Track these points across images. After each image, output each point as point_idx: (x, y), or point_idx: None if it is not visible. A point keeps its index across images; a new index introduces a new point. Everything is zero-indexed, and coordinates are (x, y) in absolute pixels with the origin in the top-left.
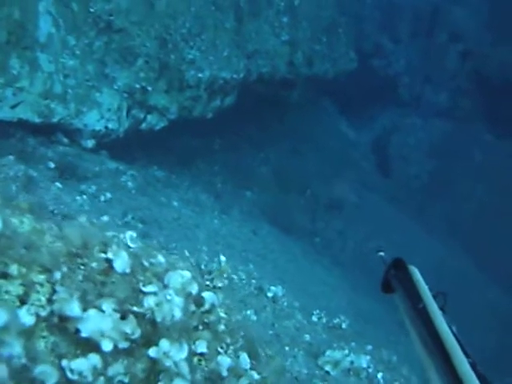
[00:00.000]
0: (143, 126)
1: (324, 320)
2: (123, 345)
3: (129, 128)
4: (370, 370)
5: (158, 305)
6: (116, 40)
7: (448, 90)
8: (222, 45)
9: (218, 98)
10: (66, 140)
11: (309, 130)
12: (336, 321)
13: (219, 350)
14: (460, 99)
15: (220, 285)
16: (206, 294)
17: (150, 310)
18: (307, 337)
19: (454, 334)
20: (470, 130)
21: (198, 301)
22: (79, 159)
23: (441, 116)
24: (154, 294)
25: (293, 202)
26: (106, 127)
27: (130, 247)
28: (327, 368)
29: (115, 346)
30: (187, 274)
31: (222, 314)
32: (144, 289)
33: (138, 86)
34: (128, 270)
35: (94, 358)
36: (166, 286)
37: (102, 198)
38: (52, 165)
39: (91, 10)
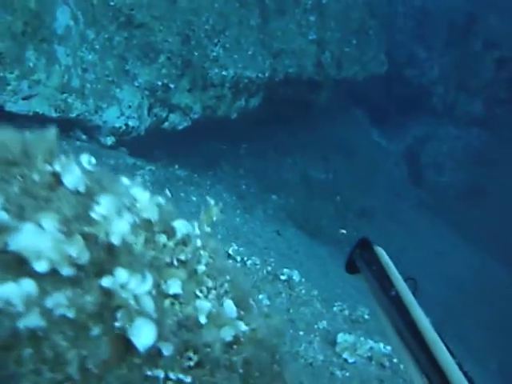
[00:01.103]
0: (165, 124)
1: (346, 312)
2: (67, 271)
3: (150, 126)
4: (395, 360)
5: (112, 225)
6: (137, 35)
7: (483, 99)
8: (247, 43)
9: (242, 98)
10: (84, 137)
11: (339, 137)
12: (358, 313)
13: (198, 293)
14: (496, 107)
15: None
16: (178, 223)
17: (104, 232)
18: (324, 323)
19: (436, 331)
20: (506, 139)
21: (170, 231)
22: (95, 153)
23: (476, 125)
24: (109, 212)
25: (321, 207)
26: (127, 124)
27: (86, 169)
28: (345, 355)
29: (56, 272)
30: (146, 195)
31: (204, 253)
32: (98, 207)
33: (159, 83)
34: (82, 189)
35: (28, 284)
36: (126, 208)
37: None
38: None
39: (111, 3)
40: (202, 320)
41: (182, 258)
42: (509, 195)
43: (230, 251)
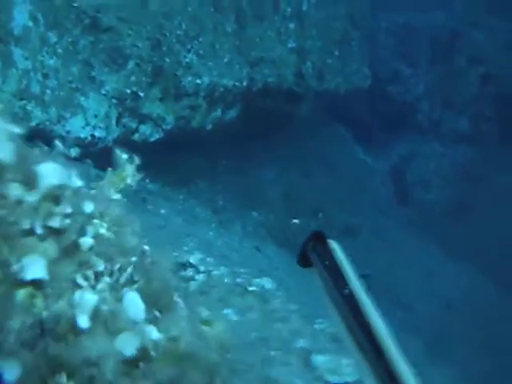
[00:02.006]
0: (136, 136)
1: (330, 330)
2: None
3: (119, 137)
4: None
5: None
6: (104, 39)
7: (469, 115)
8: (222, 50)
9: (218, 109)
10: (45, 148)
11: (321, 153)
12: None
13: (78, 280)
14: (482, 124)
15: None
16: (45, 167)
17: None
18: (303, 342)
19: (392, 335)
20: (493, 156)
21: (31, 181)
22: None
23: (462, 142)
24: None
25: (303, 225)
26: (93, 135)
27: None
28: (328, 377)
29: None
30: None
31: (97, 222)
32: None
33: (128, 91)
34: None
35: None
36: None
37: None
38: None
39: (75, 4)
40: (83, 323)
41: (53, 223)
42: (496, 211)
43: (191, 259)
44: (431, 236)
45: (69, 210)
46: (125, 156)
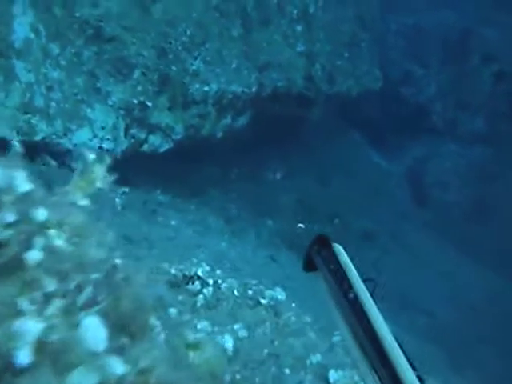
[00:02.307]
0: (145, 147)
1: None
2: None
3: (128, 149)
4: None
5: None
6: (108, 50)
7: (484, 114)
8: (230, 55)
9: (228, 116)
10: (53, 163)
11: (335, 158)
12: None
13: (22, 305)
14: (497, 122)
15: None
16: None
17: None
18: (319, 357)
19: (396, 339)
20: (511, 155)
21: None
22: (58, 177)
23: (478, 141)
24: None
25: (319, 232)
26: (101, 147)
27: None
28: None
29: None
30: None
31: (53, 232)
32: None
33: (135, 101)
34: None
35: None
36: None
37: None
38: None
39: (77, 14)
40: (23, 358)
41: None
42: None
43: (200, 272)
44: (451, 238)
45: (11, 219)
46: (93, 156)
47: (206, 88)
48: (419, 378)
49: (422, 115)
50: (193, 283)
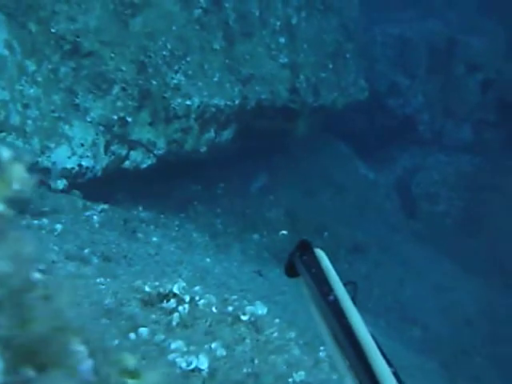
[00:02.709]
0: (126, 163)
1: None
2: None
3: (108, 166)
4: None
5: None
6: (86, 65)
7: (471, 124)
8: (212, 69)
9: (211, 130)
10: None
11: (323, 171)
12: None
13: None
14: (485, 131)
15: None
16: None
17: None
18: (302, 375)
19: (374, 338)
20: (500, 162)
21: None
22: (37, 196)
23: (466, 150)
24: None
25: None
26: (80, 165)
27: None
28: None
29: None
30: None
31: None
32: None
33: (115, 117)
34: None
35: None
36: None
37: (52, 231)
38: None
39: (53, 30)
40: None
41: None
42: (508, 220)
43: (175, 289)
44: (443, 249)
45: None
46: (8, 154)
47: (188, 102)
48: (396, 374)
49: (408, 126)
50: (168, 301)
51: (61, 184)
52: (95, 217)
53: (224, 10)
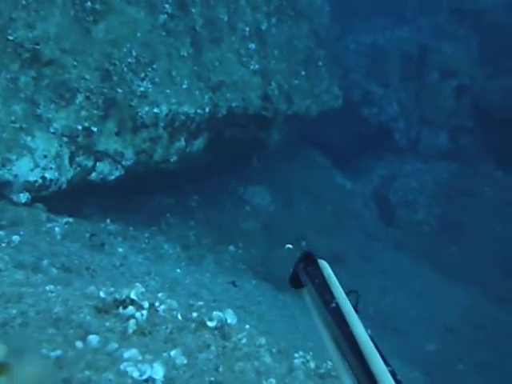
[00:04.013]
0: (93, 175)
1: (312, 365)
2: None
3: (74, 178)
4: None
5: None
6: (47, 74)
7: (447, 130)
8: (180, 76)
9: (181, 138)
10: None
11: (299, 181)
12: (329, 364)
13: None
14: (461, 137)
15: None
16: None
17: None
18: (273, 382)
19: (372, 340)
20: (477, 168)
21: None
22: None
23: (443, 157)
24: None
25: (286, 255)
26: (43, 177)
27: None
28: None
29: None
30: None
31: None
32: None
33: (80, 127)
34: None
35: None
36: None
37: (9, 243)
38: None
39: (10, 37)
40: None
41: None
42: (486, 225)
43: (133, 295)
44: (422, 256)
45: None
46: None
47: (156, 110)
48: (393, 373)
49: (384, 134)
50: (125, 308)
51: (23, 197)
52: (57, 228)
53: (190, 16)
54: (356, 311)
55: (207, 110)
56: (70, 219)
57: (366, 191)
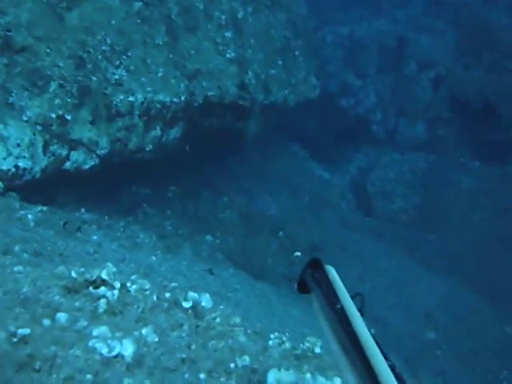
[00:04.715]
0: (67, 164)
1: (288, 345)
2: None
3: (48, 167)
4: None
5: None
6: (19, 61)
7: (424, 121)
8: (155, 64)
9: (157, 127)
10: None
11: (277, 172)
12: (306, 345)
13: None
14: (438, 128)
15: None
16: None
17: None
18: (247, 359)
19: (373, 336)
20: (454, 159)
21: None
22: None
23: (420, 148)
24: None
25: (264, 245)
26: (16, 166)
27: None
28: None
29: None
30: None
31: None
32: None
33: (53, 115)
34: None
35: None
36: None
37: None
38: None
39: None
40: None
41: None
42: (464, 215)
43: (104, 275)
44: (400, 246)
45: None
46: None
47: (131, 98)
48: (392, 367)
49: (362, 126)
50: (96, 288)
51: None
52: (30, 216)
53: (166, 4)
54: (361, 314)
55: (183, 98)
56: (44, 208)
57: (344, 182)
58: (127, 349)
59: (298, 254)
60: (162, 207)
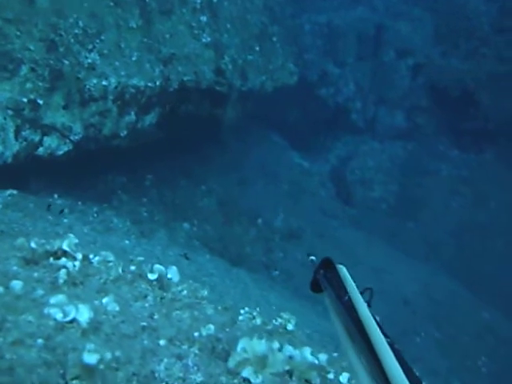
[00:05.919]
0: (40, 150)
1: (258, 320)
2: None
3: (20, 153)
4: (331, 375)
5: None
6: None
7: (404, 109)
8: (129, 48)
9: (132, 112)
10: None
11: (256, 160)
12: (278, 321)
13: None
14: (418, 116)
15: None
16: None
17: None
18: (211, 328)
19: (381, 327)
20: (433, 146)
21: None
22: None
23: (399, 136)
24: None
25: (242, 233)
26: None
27: None
28: (246, 373)
29: None
30: None
31: None
32: None
33: (25, 99)
34: None
35: None
36: None
37: None
38: None
39: None
40: None
41: None
42: (443, 203)
43: (65, 246)
44: (379, 233)
45: None
46: None
47: (105, 82)
48: (395, 349)
49: (341, 115)
50: (56, 258)
51: None
52: None
53: None
54: (369, 305)
55: (158, 83)
56: (14, 191)
57: (324, 171)
58: (83, 314)
59: (313, 257)
60: (138, 195)
